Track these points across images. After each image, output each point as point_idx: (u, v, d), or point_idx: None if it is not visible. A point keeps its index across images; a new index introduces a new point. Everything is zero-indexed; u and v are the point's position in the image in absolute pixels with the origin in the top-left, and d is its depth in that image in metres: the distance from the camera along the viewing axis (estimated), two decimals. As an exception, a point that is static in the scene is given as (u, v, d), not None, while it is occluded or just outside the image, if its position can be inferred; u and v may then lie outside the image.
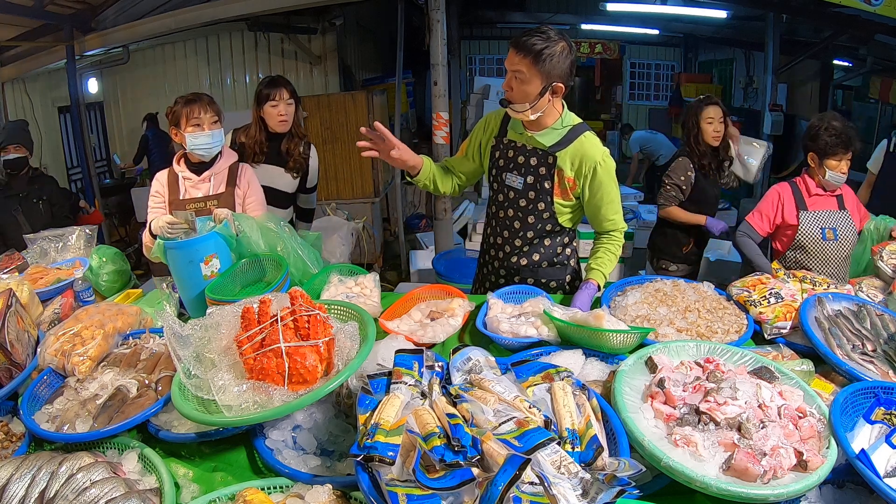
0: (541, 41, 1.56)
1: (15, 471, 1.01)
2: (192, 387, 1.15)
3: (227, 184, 2.07)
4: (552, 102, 1.68)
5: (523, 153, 1.79)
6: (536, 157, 1.77)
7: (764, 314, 1.55)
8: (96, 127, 6.71)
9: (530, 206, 1.81)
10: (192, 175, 2.04)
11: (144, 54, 6.29)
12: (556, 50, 1.58)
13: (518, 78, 1.61)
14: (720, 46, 8.71)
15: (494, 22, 9.23)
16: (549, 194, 1.78)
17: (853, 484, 1.02)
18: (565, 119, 1.74)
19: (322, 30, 6.26)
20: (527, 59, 1.57)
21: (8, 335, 1.36)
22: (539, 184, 1.78)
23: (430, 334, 1.49)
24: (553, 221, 1.83)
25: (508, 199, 1.85)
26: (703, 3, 6.56)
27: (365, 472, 0.89)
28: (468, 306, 1.63)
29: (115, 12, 4.97)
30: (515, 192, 1.82)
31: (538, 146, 1.75)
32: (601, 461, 0.92)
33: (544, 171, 1.76)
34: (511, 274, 1.93)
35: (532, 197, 1.80)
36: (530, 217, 1.82)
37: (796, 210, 2.21)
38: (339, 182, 5.46)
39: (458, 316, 1.57)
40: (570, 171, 1.74)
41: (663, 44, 10.17)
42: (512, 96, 1.65)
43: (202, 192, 2.05)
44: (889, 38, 4.73)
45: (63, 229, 2.28)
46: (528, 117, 1.68)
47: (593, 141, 1.74)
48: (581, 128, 1.75)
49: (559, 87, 1.64)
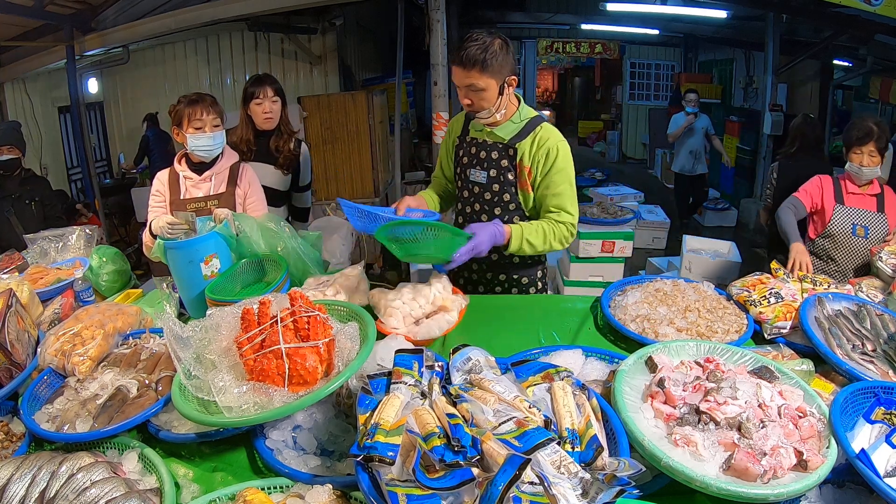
0: (479, 48, 1.60)
1: (15, 471, 1.01)
2: (193, 387, 1.16)
3: (227, 184, 2.07)
4: (509, 97, 1.74)
5: (484, 148, 1.84)
6: (497, 150, 1.81)
7: (764, 314, 1.55)
8: (96, 127, 6.71)
9: (495, 199, 1.84)
10: (193, 175, 2.04)
11: (144, 54, 6.28)
12: (496, 49, 1.61)
13: (473, 91, 1.65)
14: (720, 46, 8.70)
15: (494, 22, 9.21)
16: (514, 185, 1.81)
17: (853, 484, 1.02)
18: (522, 112, 1.79)
19: (322, 30, 6.26)
20: (475, 71, 1.61)
21: (8, 335, 1.36)
22: (502, 175, 1.81)
23: (426, 331, 1.49)
24: (520, 214, 1.85)
25: (473, 195, 1.89)
26: (703, 3, 6.56)
27: (365, 472, 0.89)
28: (463, 301, 1.62)
29: (115, 12, 4.97)
30: (480, 186, 1.86)
31: (498, 140, 1.80)
32: (601, 461, 0.92)
33: (506, 164, 1.80)
34: (483, 270, 1.95)
35: (496, 189, 1.83)
36: (497, 209, 1.85)
37: (833, 201, 2.31)
38: (339, 182, 5.46)
39: (454, 311, 1.56)
40: (529, 160, 1.78)
41: (663, 44, 10.16)
42: (474, 108, 1.70)
43: (203, 192, 2.05)
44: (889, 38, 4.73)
45: (63, 229, 2.28)
46: (496, 119, 1.74)
47: (551, 130, 1.78)
48: (538, 119, 1.80)
49: (513, 79, 1.70)
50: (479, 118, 1.74)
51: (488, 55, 1.60)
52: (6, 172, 3.07)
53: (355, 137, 5.34)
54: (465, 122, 1.91)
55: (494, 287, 1.97)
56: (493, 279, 1.95)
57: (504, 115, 1.76)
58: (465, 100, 1.68)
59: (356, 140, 5.34)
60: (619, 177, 8.51)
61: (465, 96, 1.68)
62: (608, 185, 6.05)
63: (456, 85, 1.70)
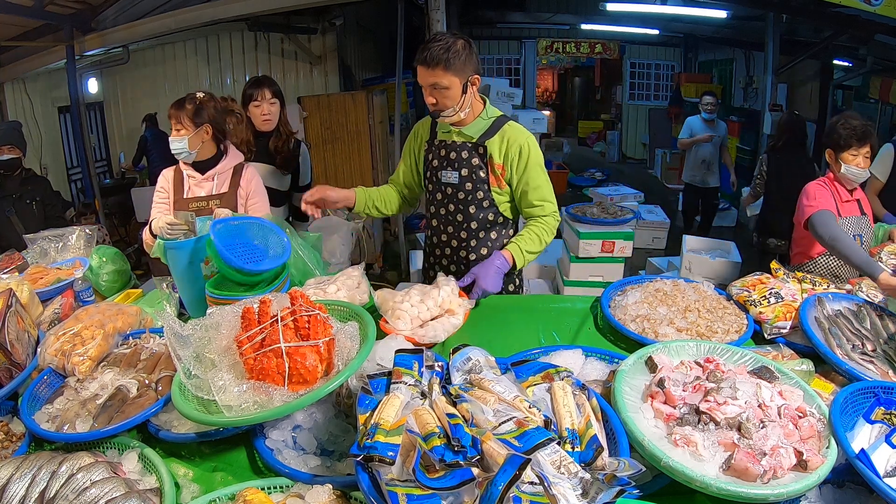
0: (441, 48, 1.65)
1: (15, 471, 1.01)
2: (193, 387, 1.16)
3: (230, 184, 2.08)
4: (473, 97, 1.78)
5: (454, 149, 1.87)
6: (467, 150, 1.84)
7: (764, 314, 1.55)
8: (96, 127, 6.71)
9: (469, 198, 1.87)
10: (197, 174, 2.06)
11: (144, 54, 6.28)
12: (458, 48, 1.66)
13: (437, 89, 1.70)
14: (720, 46, 8.70)
15: (494, 22, 9.22)
16: (486, 182, 1.85)
17: (853, 484, 1.02)
18: (488, 111, 1.84)
19: (322, 30, 6.26)
20: (438, 69, 1.66)
21: (8, 335, 1.36)
22: (474, 174, 1.84)
23: (431, 334, 1.49)
24: (495, 211, 1.88)
25: (447, 196, 1.92)
26: (703, 3, 6.56)
27: (365, 472, 0.89)
28: (468, 305, 1.63)
29: (115, 12, 4.97)
30: (452, 186, 1.89)
31: (467, 139, 1.84)
32: (601, 461, 0.92)
33: (477, 161, 1.84)
34: (462, 271, 1.95)
35: (469, 188, 1.86)
36: (471, 207, 1.88)
37: (837, 215, 2.08)
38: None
39: (459, 315, 1.57)
40: (499, 157, 1.81)
41: (663, 44, 10.16)
42: (438, 107, 1.74)
43: (205, 192, 2.07)
44: (889, 38, 4.73)
45: (63, 229, 2.28)
46: (459, 117, 1.78)
47: (518, 128, 1.82)
48: (504, 118, 1.84)
49: (476, 78, 1.74)
50: (443, 117, 1.77)
51: (451, 54, 1.65)
52: (7, 172, 3.07)
53: (355, 137, 5.34)
54: (431, 126, 1.95)
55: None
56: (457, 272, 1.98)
57: (470, 114, 1.80)
58: (430, 98, 1.73)
59: (356, 140, 5.35)
60: (619, 177, 8.51)
61: (430, 95, 1.72)
62: (608, 185, 6.04)
63: (420, 85, 1.74)
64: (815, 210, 2.02)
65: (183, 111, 1.97)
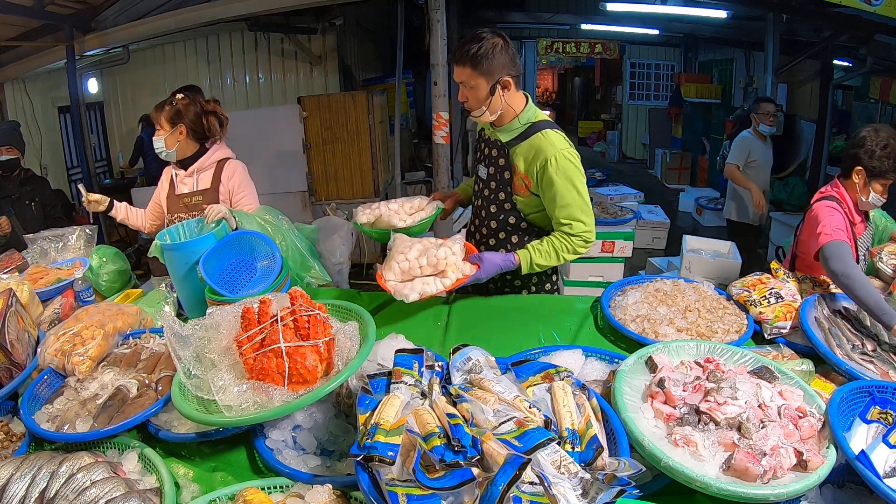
0: (474, 46, 1.62)
1: (15, 470, 1.01)
2: (193, 387, 1.16)
3: (212, 180, 2.12)
4: (507, 99, 1.72)
5: (489, 145, 1.88)
6: (497, 149, 1.84)
7: (764, 314, 1.55)
8: (96, 127, 6.70)
9: (492, 196, 1.87)
10: (181, 171, 2.13)
11: (144, 54, 6.28)
12: (490, 48, 1.63)
13: (466, 87, 1.69)
14: (720, 46, 8.69)
15: (494, 22, 9.20)
16: (510, 185, 1.81)
17: (853, 484, 1.03)
18: (524, 116, 1.76)
19: (322, 30, 6.25)
20: (467, 68, 1.65)
21: (8, 335, 1.36)
22: (499, 174, 1.83)
23: (405, 292, 1.50)
24: (517, 215, 1.84)
25: (479, 189, 1.93)
26: (703, 3, 6.56)
27: (365, 472, 0.89)
28: (468, 270, 1.60)
29: (115, 12, 4.97)
30: (482, 181, 1.91)
31: (498, 139, 1.82)
32: (601, 461, 0.92)
33: (503, 163, 1.81)
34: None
35: (494, 187, 1.86)
36: (493, 206, 1.87)
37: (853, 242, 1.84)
38: (339, 182, 5.46)
39: (449, 280, 1.55)
40: (524, 167, 1.75)
41: (663, 44, 10.15)
42: (468, 105, 1.73)
43: (188, 188, 2.12)
44: (889, 38, 4.72)
45: (63, 229, 2.28)
46: (488, 118, 1.74)
47: (551, 138, 1.70)
48: (541, 125, 1.74)
49: (506, 80, 1.68)
50: (473, 116, 1.76)
51: (480, 54, 1.62)
52: (6, 173, 3.07)
53: (355, 137, 5.34)
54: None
55: (487, 283, 1.92)
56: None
57: (504, 115, 1.75)
58: (461, 96, 1.72)
59: (356, 140, 5.35)
60: (619, 177, 8.50)
61: (462, 93, 1.72)
62: (608, 185, 6.04)
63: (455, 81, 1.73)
64: (830, 239, 1.74)
65: (161, 112, 2.05)
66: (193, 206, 2.08)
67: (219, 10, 4.73)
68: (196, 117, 2.08)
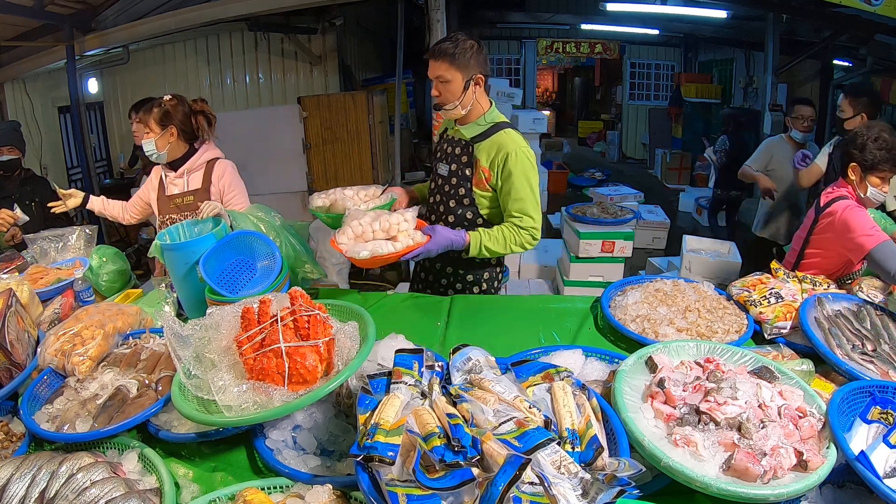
0: (451, 44, 1.74)
1: (15, 471, 1.01)
2: (193, 387, 1.16)
3: (202, 180, 2.13)
4: (477, 96, 1.82)
5: (451, 144, 1.95)
6: (459, 146, 1.91)
7: (764, 314, 1.55)
8: (96, 127, 6.70)
9: (452, 192, 1.92)
10: (171, 172, 2.15)
11: (144, 54, 6.28)
12: (467, 48, 1.74)
13: (442, 82, 1.77)
14: (720, 46, 8.70)
15: (494, 22, 9.21)
16: (469, 181, 1.88)
17: (853, 484, 1.02)
18: (489, 116, 1.86)
19: (322, 30, 6.25)
20: (444, 63, 1.74)
21: (8, 335, 1.36)
22: (460, 171, 1.89)
23: (356, 250, 1.54)
24: (474, 210, 1.90)
25: (437, 186, 1.98)
26: (703, 3, 6.56)
27: (365, 472, 0.89)
28: (420, 238, 1.64)
29: (115, 12, 4.97)
30: (442, 178, 1.96)
31: (462, 137, 1.89)
32: (601, 461, 0.92)
33: (465, 160, 1.88)
34: (434, 259, 2.01)
35: (454, 183, 1.91)
36: (452, 202, 1.93)
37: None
38: (339, 182, 5.46)
39: (399, 244, 1.59)
40: (486, 161, 1.83)
41: (663, 44, 10.16)
42: (441, 100, 1.81)
43: (179, 189, 2.14)
44: (889, 38, 4.73)
45: (62, 229, 2.28)
46: (459, 113, 1.82)
47: (513, 136, 1.82)
48: (503, 125, 1.85)
49: (480, 78, 1.79)
50: (445, 110, 1.83)
51: (457, 50, 1.73)
52: (6, 173, 3.06)
53: (355, 137, 5.35)
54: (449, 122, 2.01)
55: (440, 279, 2.03)
56: (442, 269, 2.01)
57: (471, 113, 1.84)
58: (435, 91, 1.80)
59: (356, 140, 5.35)
60: (619, 177, 8.51)
61: (435, 88, 1.79)
62: (608, 185, 6.04)
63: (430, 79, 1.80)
64: (877, 242, 1.75)
65: (150, 115, 2.06)
66: (185, 206, 2.10)
67: (219, 10, 4.73)
68: (185, 117, 2.10)
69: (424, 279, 2.09)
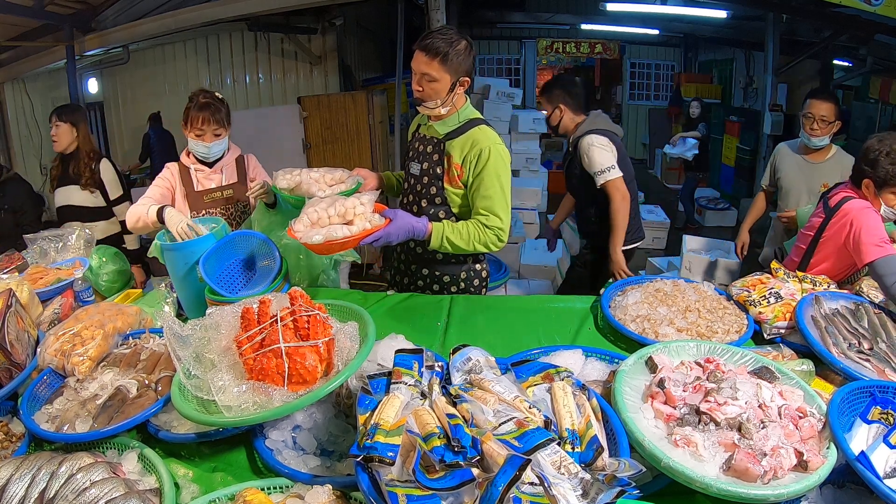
0: (444, 43, 1.66)
1: (15, 471, 1.01)
2: (192, 387, 1.16)
3: (237, 174, 2.16)
4: (457, 96, 1.78)
5: (423, 142, 1.91)
6: (432, 144, 1.87)
7: (764, 314, 1.55)
8: (96, 127, 6.71)
9: (424, 191, 1.89)
10: (204, 167, 2.12)
11: (144, 54, 6.29)
12: (460, 49, 1.68)
13: (427, 79, 1.71)
14: (720, 46, 8.71)
15: (494, 22, 9.22)
16: (440, 179, 1.84)
17: (853, 484, 1.02)
18: (463, 113, 1.82)
19: (322, 30, 6.26)
20: (434, 61, 1.67)
21: (8, 335, 1.36)
22: (432, 169, 1.86)
23: (309, 234, 1.49)
24: (446, 209, 1.86)
25: (410, 185, 1.95)
26: (703, 3, 6.57)
27: (365, 472, 0.88)
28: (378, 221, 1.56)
29: (115, 12, 4.97)
30: (414, 177, 1.92)
31: (435, 135, 1.85)
32: (601, 461, 0.92)
33: (437, 158, 1.85)
34: (409, 261, 1.99)
35: (426, 181, 1.88)
36: (423, 200, 1.89)
37: None
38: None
39: (355, 228, 1.52)
40: (459, 157, 1.79)
41: (663, 44, 10.17)
42: (422, 95, 1.75)
43: (215, 183, 2.13)
44: (889, 38, 4.73)
45: (63, 229, 2.28)
46: (440, 112, 1.78)
47: (487, 133, 1.79)
48: (478, 121, 1.82)
49: (466, 80, 1.75)
50: (425, 107, 1.78)
51: (452, 51, 1.67)
52: None
53: (355, 137, 5.35)
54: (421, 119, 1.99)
55: (417, 280, 1.99)
56: (417, 272, 1.98)
57: (448, 111, 1.80)
58: (417, 86, 1.74)
59: (356, 140, 5.35)
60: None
61: (418, 83, 1.73)
62: (608, 185, 6.02)
63: (412, 70, 1.74)
64: (888, 254, 1.66)
65: (220, 114, 2.03)
66: (225, 200, 2.11)
67: (219, 10, 4.74)
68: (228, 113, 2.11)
69: (400, 282, 2.05)
